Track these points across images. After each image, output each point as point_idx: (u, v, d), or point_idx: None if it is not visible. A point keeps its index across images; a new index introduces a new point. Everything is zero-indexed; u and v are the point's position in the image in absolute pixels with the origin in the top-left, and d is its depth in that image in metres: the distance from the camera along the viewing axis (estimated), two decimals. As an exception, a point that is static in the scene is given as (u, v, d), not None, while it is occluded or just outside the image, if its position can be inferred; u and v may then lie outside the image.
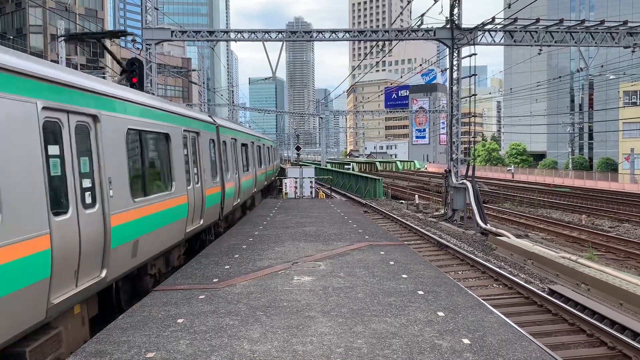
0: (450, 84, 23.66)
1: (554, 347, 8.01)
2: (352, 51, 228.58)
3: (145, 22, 24.20)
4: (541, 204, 32.40)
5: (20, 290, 4.99)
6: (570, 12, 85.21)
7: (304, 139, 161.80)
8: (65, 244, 5.79)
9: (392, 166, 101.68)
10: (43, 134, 5.60)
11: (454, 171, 23.24)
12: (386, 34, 24.47)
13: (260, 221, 15.99)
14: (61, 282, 5.76)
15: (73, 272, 6.03)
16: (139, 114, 8.34)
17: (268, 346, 5.60)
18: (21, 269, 5.01)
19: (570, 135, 77.41)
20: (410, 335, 5.89)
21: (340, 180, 42.51)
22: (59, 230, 5.69)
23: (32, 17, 66.95)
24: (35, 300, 5.25)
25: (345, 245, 11.55)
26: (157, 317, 6.62)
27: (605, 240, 19.72)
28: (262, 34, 24.25)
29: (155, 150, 9.24)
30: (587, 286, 11.69)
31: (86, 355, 5.40)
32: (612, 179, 54.54)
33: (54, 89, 5.90)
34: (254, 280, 8.45)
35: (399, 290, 7.82)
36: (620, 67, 50.62)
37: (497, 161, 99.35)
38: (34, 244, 5.22)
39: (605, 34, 23.14)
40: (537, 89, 63.24)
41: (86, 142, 6.63)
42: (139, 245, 7.85)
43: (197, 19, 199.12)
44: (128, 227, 7.48)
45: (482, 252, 16.14)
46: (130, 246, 7.54)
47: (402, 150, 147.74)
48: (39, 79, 5.59)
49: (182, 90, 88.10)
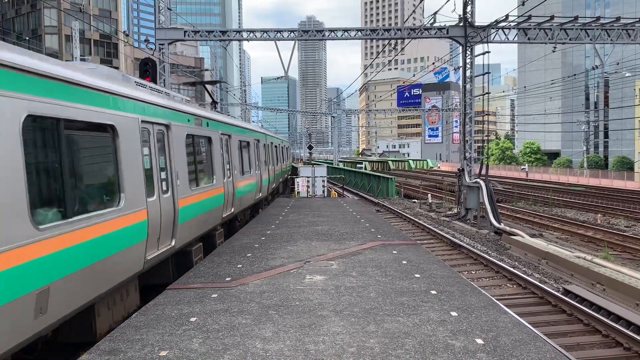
0: (464, 82, 23.52)
1: (568, 348, 7.93)
2: (364, 50, 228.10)
3: (158, 22, 24.36)
4: (556, 203, 32.09)
5: (134, 245, 7.26)
6: (585, 9, 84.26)
7: (316, 138, 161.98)
8: (153, 218, 7.97)
9: (404, 165, 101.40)
10: (141, 140, 7.80)
11: (467, 170, 23.11)
12: (398, 33, 24.39)
13: (272, 220, 16.01)
14: (151, 245, 7.91)
15: (156, 239, 8.18)
16: (192, 122, 10.69)
17: (280, 345, 5.61)
18: (135, 231, 7.28)
19: (585, 133, 76.58)
20: (423, 335, 5.86)
21: (352, 179, 42.45)
22: (150, 207, 7.88)
23: (47, 18, 67.69)
24: (139, 254, 7.48)
25: (357, 245, 11.52)
26: (170, 316, 6.66)
27: (621, 240, 19.48)
28: (274, 33, 24.29)
29: (203, 150, 11.55)
30: (603, 286, 11.56)
31: (100, 353, 5.44)
32: (628, 177, 53.89)
33: (147, 108, 8.17)
34: (266, 279, 8.46)
35: (411, 289, 7.79)
36: (637, 65, 50.00)
37: (511, 160, 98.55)
38: (140, 215, 7.48)
39: (621, 31, 22.85)
40: (552, 87, 62.64)
41: (162, 145, 8.89)
42: (193, 224, 9.98)
43: (209, 18, 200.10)
44: (188, 209, 9.64)
45: (496, 252, 16.02)
46: (189, 224, 9.73)
47: (414, 149, 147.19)
48: (139, 101, 7.89)
49: (195, 89, 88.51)
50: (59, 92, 5.77)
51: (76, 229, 5.84)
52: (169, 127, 9.11)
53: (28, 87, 5.16)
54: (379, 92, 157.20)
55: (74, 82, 6.07)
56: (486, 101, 21.88)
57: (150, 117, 8.30)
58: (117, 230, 6.77)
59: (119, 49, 73.94)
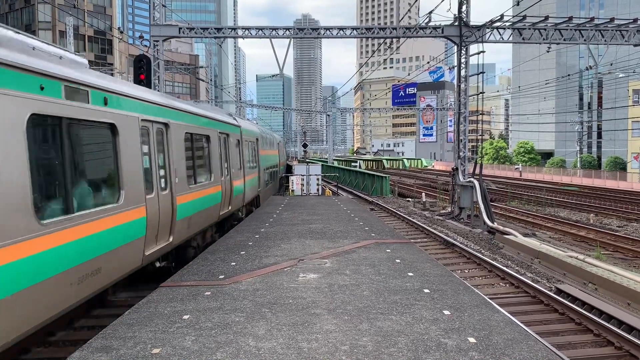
0: (458, 82, 23.57)
1: (560, 347, 7.97)
2: (360, 48, 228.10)
3: (153, 18, 24.27)
4: (549, 203, 32.23)
5: (135, 240, 7.51)
6: (579, 9, 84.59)
7: (311, 136, 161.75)
8: (152, 214, 8.11)
9: (399, 164, 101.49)
10: (141, 137, 7.92)
11: (461, 169, 23.16)
12: (394, 31, 24.40)
13: (266, 218, 16.00)
14: (149, 241, 8.08)
15: (155, 235, 8.33)
16: (191, 121, 10.67)
17: (273, 343, 5.61)
18: (134, 227, 7.46)
19: (578, 133, 76.91)
20: (415, 334, 5.87)
21: (347, 178, 42.47)
22: (149, 204, 8.00)
23: (41, 14, 67.26)
24: (138, 250, 7.63)
25: (351, 243, 11.53)
26: (163, 313, 6.64)
27: (613, 240, 19.59)
28: (269, 30, 24.24)
29: (201, 148, 11.54)
30: (595, 285, 11.62)
31: (92, 350, 5.42)
32: (620, 177, 54.20)
33: (146, 106, 8.26)
34: (259, 277, 8.45)
35: (405, 288, 7.80)
36: (630, 65, 50.25)
37: (505, 159, 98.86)
38: (139, 211, 7.66)
39: (615, 31, 22.95)
40: (546, 87, 62.76)
41: (162, 143, 8.95)
42: (191, 220, 10.19)
43: (204, 15, 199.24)
44: (186, 206, 9.78)
45: (489, 251, 16.08)
46: (187, 220, 9.88)
47: (409, 148, 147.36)
48: (139, 100, 8.01)
49: (189, 87, 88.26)
50: (192, 121, 8.40)
51: (77, 225, 6.10)
52: (167, 126, 9.33)
53: (185, 119, 8.16)
54: (374, 91, 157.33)
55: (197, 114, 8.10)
56: (480, 101, 21.94)
57: (148, 115, 8.46)
58: (117, 226, 7.06)
59: (113, 46, 73.59)
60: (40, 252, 5.33)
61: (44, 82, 5.63)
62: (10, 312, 4.91)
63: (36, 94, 5.49)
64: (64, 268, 5.80)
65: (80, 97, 6.35)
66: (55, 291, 5.68)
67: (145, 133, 8.37)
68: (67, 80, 6.08)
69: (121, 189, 7.24)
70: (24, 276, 5.09)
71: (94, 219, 6.52)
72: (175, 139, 9.63)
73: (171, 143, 9.38)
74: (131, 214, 7.44)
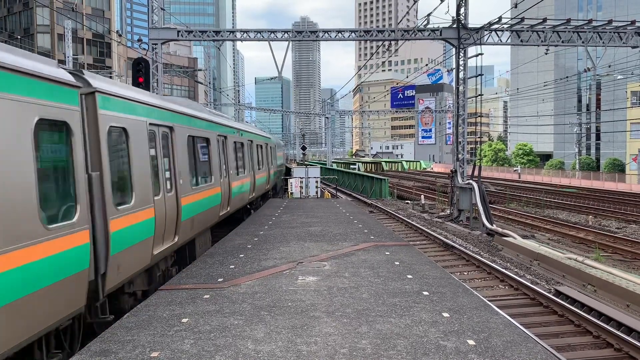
0: (457, 84, 23.59)
1: (559, 349, 7.97)
2: (358, 51, 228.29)
3: (152, 22, 24.29)
4: (548, 205, 32.25)
5: (145, 240, 7.72)
6: (577, 11, 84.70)
7: (309, 139, 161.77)
8: (159, 215, 8.34)
9: (398, 166, 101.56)
10: (148, 141, 8.15)
11: (460, 171, 23.17)
12: (392, 34, 24.43)
13: (265, 221, 15.99)
14: (157, 241, 8.30)
15: (162, 235, 8.55)
16: (194, 124, 10.89)
17: (272, 346, 5.60)
18: (144, 227, 7.70)
19: (577, 135, 76.98)
20: (415, 336, 5.87)
21: (345, 180, 42.47)
22: (157, 205, 8.24)
23: (40, 17, 67.29)
24: (147, 249, 7.89)
25: (350, 246, 11.53)
26: (161, 317, 6.63)
27: (612, 241, 19.60)
28: (268, 33, 24.26)
29: (202, 151, 11.71)
30: (594, 287, 11.62)
31: (91, 354, 5.41)
32: (619, 179, 54.23)
33: (153, 111, 8.52)
34: (258, 280, 8.45)
35: (404, 290, 7.80)
36: (628, 67, 50.34)
37: (504, 161, 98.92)
38: (148, 212, 7.87)
39: (613, 33, 22.99)
40: (544, 89, 62.90)
41: (167, 146, 9.20)
42: (194, 221, 10.38)
43: (203, 18, 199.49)
44: (190, 207, 9.97)
45: (488, 253, 16.07)
46: (191, 221, 10.09)
47: (408, 150, 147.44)
48: (147, 105, 8.28)
49: (188, 90, 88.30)
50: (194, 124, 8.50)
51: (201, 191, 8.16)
52: (172, 129, 9.58)
53: (188, 123, 8.50)
54: (372, 93, 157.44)
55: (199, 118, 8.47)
56: (479, 103, 21.95)
57: (156, 119, 8.71)
58: (129, 226, 7.26)
59: (111, 49, 73.60)
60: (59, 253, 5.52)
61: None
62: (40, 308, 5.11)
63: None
64: (81, 268, 5.97)
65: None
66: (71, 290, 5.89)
67: (152, 136, 8.54)
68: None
69: (132, 191, 7.41)
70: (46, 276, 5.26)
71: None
72: (180, 142, 9.83)
73: (176, 146, 9.58)
74: (141, 215, 7.62)
